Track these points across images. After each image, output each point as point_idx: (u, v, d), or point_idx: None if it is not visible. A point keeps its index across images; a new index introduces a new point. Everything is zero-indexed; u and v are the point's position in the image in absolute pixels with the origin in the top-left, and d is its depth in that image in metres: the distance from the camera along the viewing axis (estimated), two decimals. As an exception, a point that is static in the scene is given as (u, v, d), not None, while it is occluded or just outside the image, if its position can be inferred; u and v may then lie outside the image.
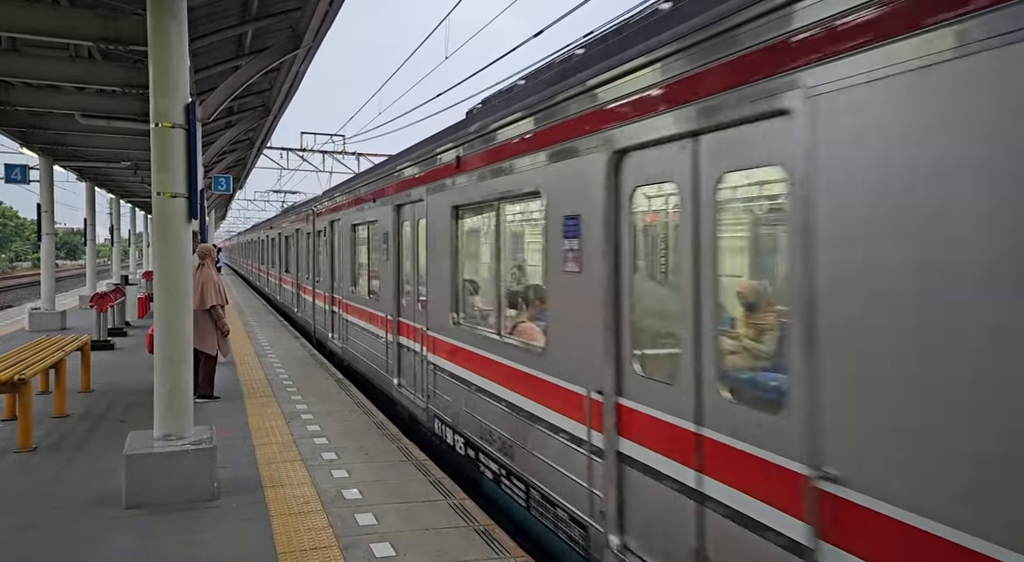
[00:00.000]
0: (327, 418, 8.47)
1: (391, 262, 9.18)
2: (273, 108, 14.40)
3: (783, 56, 3.00)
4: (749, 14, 3.17)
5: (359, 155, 31.15)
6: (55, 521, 5.33)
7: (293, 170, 33.87)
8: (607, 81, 4.29)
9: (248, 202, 60.21)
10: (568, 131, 4.76)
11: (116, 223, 28.44)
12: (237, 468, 6.49)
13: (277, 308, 23.59)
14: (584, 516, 4.62)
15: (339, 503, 5.65)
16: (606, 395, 4.36)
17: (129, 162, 17.61)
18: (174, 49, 5.87)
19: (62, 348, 8.97)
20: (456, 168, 6.90)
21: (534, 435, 5.28)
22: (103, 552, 4.81)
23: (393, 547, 4.82)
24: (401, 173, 8.84)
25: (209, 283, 9.33)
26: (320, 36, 10.02)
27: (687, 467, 3.69)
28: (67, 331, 14.83)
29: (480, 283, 7.09)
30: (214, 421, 7.14)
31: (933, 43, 2.39)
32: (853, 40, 2.67)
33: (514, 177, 5.60)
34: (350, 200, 12.25)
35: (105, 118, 11.57)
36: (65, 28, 8.24)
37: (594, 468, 4.49)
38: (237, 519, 5.35)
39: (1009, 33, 2.18)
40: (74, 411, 8.75)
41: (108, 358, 12.72)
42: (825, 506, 2.78)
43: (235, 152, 20.13)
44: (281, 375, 11.33)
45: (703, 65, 3.49)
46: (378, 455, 6.98)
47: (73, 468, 6.60)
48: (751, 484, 3.24)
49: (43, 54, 9.84)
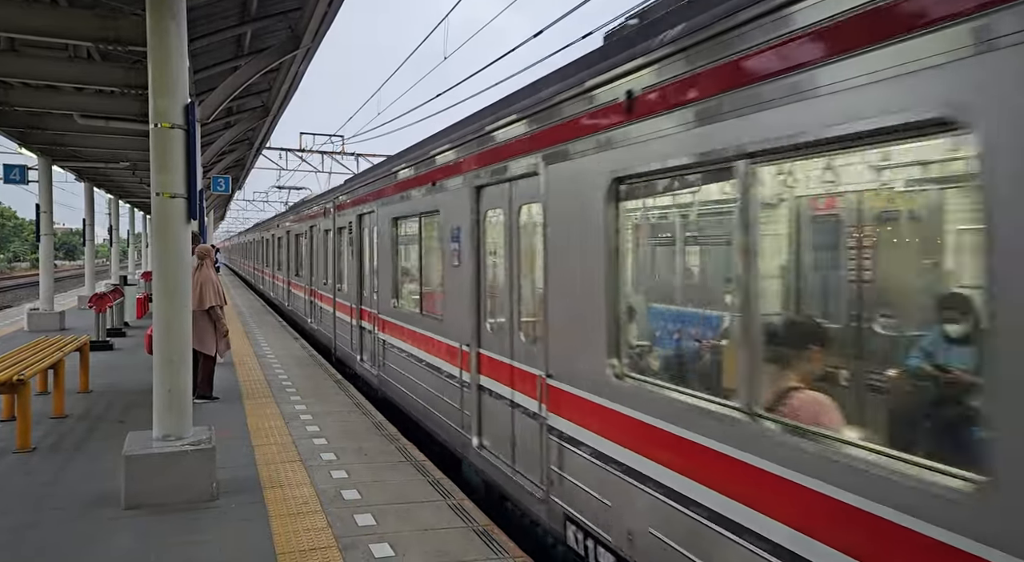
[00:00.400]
0: (326, 419, 8.46)
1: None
2: (272, 108, 14.40)
3: (535, 143, 5.24)
4: (520, 117, 5.50)
5: (358, 155, 31.15)
6: (54, 521, 5.33)
7: (292, 170, 33.93)
8: (469, 141, 6.57)
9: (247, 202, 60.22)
10: (452, 170, 7.04)
11: (115, 223, 28.43)
12: (236, 469, 6.49)
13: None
14: (457, 427, 6.93)
15: (338, 503, 5.65)
16: (471, 347, 6.53)
17: (128, 162, 17.60)
18: (173, 49, 5.87)
19: (61, 349, 8.97)
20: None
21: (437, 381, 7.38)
22: (102, 552, 4.81)
23: (392, 547, 4.82)
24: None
25: (208, 283, 9.33)
26: (319, 36, 10.03)
27: (507, 386, 5.89)
28: (66, 332, 14.82)
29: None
30: (213, 422, 7.13)
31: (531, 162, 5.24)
32: (563, 136, 4.85)
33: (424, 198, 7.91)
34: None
35: (104, 118, 11.56)
36: (64, 28, 8.23)
37: (464, 395, 6.71)
38: (236, 519, 5.35)
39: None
40: (73, 412, 8.75)
41: (107, 358, 12.71)
42: (546, 390, 5.06)
43: (234, 152, 20.11)
44: (280, 376, 11.32)
45: (509, 140, 5.73)
46: (377, 456, 6.98)
47: (72, 468, 6.60)
48: (525, 388, 5.53)
49: (42, 54, 9.83)
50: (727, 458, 3.29)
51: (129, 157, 16.94)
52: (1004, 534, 2.01)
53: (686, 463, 3.62)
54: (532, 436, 5.39)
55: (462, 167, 6.79)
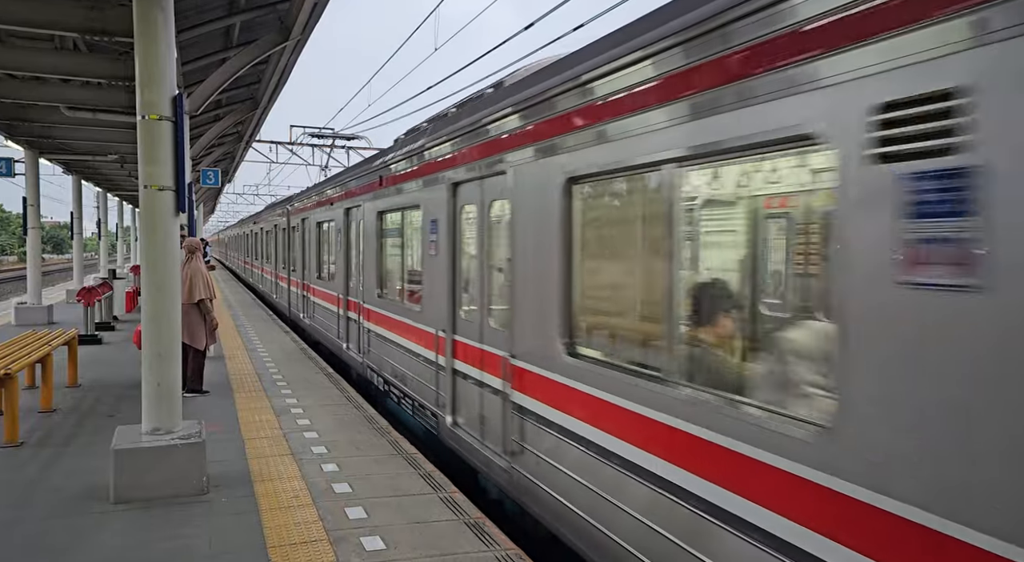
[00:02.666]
0: (317, 412, 8.45)
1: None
2: (262, 101, 14.29)
3: (503, 145, 5.73)
4: (488, 120, 6.00)
5: (348, 148, 31.02)
6: (42, 516, 5.30)
7: (282, 163, 33.71)
8: (449, 141, 7.02)
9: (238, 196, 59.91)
10: (434, 168, 7.43)
11: (103, 217, 28.24)
12: (227, 462, 6.47)
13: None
14: (433, 407, 7.45)
15: (329, 497, 5.64)
16: (447, 333, 6.99)
17: (116, 155, 17.46)
18: (161, 40, 5.81)
19: (49, 343, 8.91)
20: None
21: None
22: (91, 547, 4.78)
23: (383, 540, 4.82)
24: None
25: (198, 276, 9.28)
26: (309, 28, 9.94)
27: (477, 368, 6.36)
28: (54, 326, 14.73)
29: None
30: (203, 415, 7.11)
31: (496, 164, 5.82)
32: (523, 141, 5.37)
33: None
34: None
35: (91, 111, 11.43)
36: (49, 19, 8.13)
37: (440, 377, 7.23)
38: (227, 513, 5.34)
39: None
40: (61, 406, 8.69)
41: (95, 353, 12.64)
42: (509, 369, 5.60)
43: (224, 145, 19.98)
44: (271, 369, 11.29)
45: (480, 142, 6.21)
46: (368, 449, 6.97)
47: (60, 463, 6.56)
48: (493, 369, 6.00)
49: (27, 45, 9.71)
50: (646, 418, 3.94)
51: (117, 150, 16.80)
52: (839, 466, 2.75)
53: (622, 427, 4.18)
54: (497, 412, 5.87)
55: (441, 165, 7.23)
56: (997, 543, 2.21)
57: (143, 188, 5.85)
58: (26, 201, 17.54)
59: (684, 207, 3.80)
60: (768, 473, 3.10)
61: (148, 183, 5.83)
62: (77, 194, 22.68)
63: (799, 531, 2.93)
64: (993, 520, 2.23)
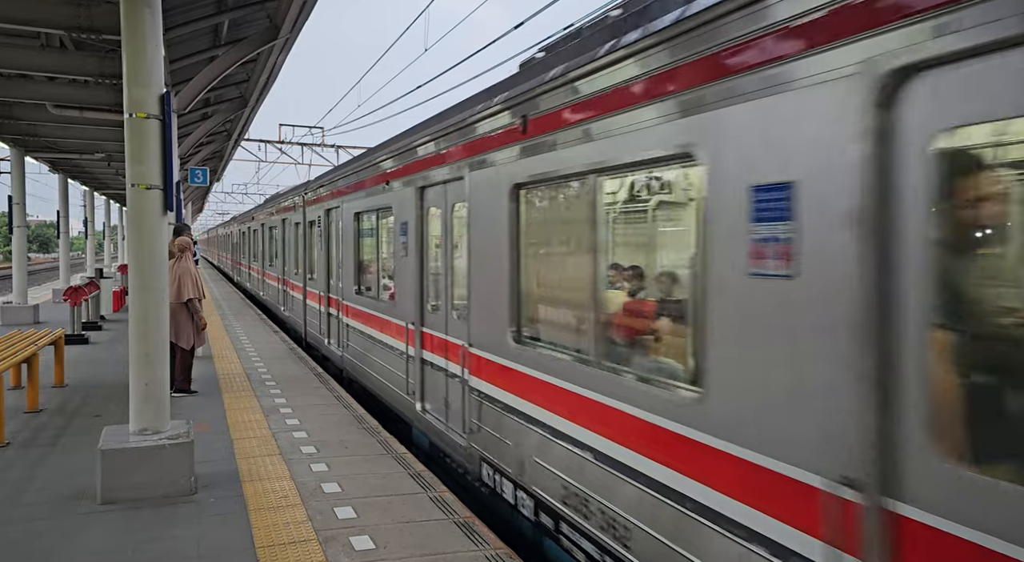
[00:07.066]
0: (306, 412, 8.42)
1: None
2: (251, 99, 14.23)
3: (464, 153, 6.24)
4: (451, 129, 6.47)
5: (338, 147, 30.92)
6: (28, 517, 5.25)
7: (271, 162, 33.58)
8: (418, 147, 7.42)
9: (226, 194, 59.63)
10: (405, 171, 7.87)
11: (90, 216, 28.01)
12: (215, 463, 6.44)
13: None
14: (404, 394, 7.97)
15: (318, 497, 5.62)
16: (416, 325, 7.53)
17: (103, 153, 17.34)
18: (148, 38, 5.77)
19: (35, 343, 8.83)
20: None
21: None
22: (77, 548, 4.74)
23: (373, 540, 4.81)
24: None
25: (186, 276, 9.23)
26: (298, 27, 9.91)
27: (442, 357, 6.90)
28: (40, 325, 14.60)
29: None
30: (191, 415, 7.07)
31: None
32: (487, 147, 5.77)
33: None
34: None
35: (78, 109, 11.36)
36: (36, 16, 8.08)
37: (410, 367, 7.75)
38: (215, 514, 5.31)
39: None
40: (48, 406, 8.62)
41: (82, 352, 12.55)
42: (467, 357, 6.13)
43: (212, 144, 19.88)
44: (260, 369, 11.24)
45: (444, 148, 6.69)
46: (358, 449, 6.95)
47: (47, 463, 6.51)
48: (452, 357, 6.60)
49: (13, 43, 9.63)
50: (579, 395, 4.50)
51: (104, 148, 16.69)
52: (712, 425, 3.35)
53: (560, 404, 4.74)
54: (458, 396, 6.44)
55: (410, 169, 7.75)
56: (805, 474, 2.84)
57: (130, 187, 5.81)
58: (11, 199, 17.38)
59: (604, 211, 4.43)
60: (656, 432, 3.76)
61: (135, 182, 5.79)
62: (63, 193, 22.49)
63: (676, 477, 3.60)
64: (801, 454, 2.86)
